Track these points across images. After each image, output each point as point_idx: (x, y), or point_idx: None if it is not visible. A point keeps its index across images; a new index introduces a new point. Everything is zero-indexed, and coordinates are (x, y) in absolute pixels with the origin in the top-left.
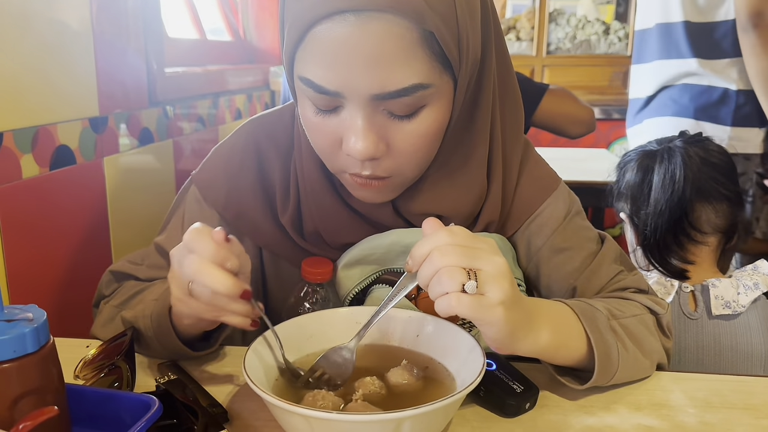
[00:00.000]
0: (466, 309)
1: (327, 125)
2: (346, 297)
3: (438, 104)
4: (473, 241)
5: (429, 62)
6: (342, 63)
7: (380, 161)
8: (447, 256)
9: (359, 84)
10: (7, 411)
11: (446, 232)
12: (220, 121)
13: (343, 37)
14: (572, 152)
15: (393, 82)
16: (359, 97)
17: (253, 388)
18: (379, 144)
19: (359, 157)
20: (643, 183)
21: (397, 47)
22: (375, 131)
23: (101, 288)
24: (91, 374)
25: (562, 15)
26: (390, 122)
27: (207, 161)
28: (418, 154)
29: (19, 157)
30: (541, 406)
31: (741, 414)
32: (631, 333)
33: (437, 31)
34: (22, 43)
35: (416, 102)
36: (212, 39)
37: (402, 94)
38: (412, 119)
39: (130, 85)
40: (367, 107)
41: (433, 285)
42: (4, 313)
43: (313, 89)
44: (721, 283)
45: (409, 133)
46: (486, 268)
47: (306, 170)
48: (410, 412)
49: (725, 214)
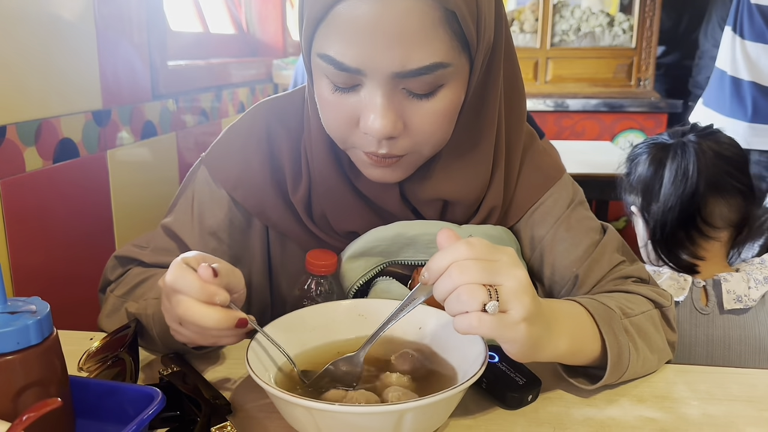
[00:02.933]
0: (487, 330)
1: (344, 104)
2: (350, 289)
3: (455, 84)
4: (493, 254)
5: (449, 41)
6: (364, 40)
7: (397, 140)
8: (467, 273)
9: (380, 61)
10: (11, 403)
11: (465, 245)
12: (223, 114)
13: (366, 14)
14: (577, 144)
15: (414, 60)
16: (380, 74)
17: (256, 380)
18: (398, 123)
19: (378, 136)
20: (655, 177)
21: (419, 25)
22: (394, 110)
23: (106, 273)
24: (95, 366)
25: (566, 7)
26: (408, 101)
27: (217, 142)
28: (436, 133)
29: (22, 150)
30: (543, 398)
31: (743, 406)
32: (642, 331)
33: (459, 10)
34: (25, 37)
35: (436, 81)
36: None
37: (422, 72)
38: (431, 98)
39: (133, 79)
40: (387, 85)
41: (452, 302)
42: (8, 306)
43: (333, 66)
44: (733, 278)
45: (427, 112)
46: (507, 284)
47: (315, 154)
48: (412, 404)
49: (738, 208)
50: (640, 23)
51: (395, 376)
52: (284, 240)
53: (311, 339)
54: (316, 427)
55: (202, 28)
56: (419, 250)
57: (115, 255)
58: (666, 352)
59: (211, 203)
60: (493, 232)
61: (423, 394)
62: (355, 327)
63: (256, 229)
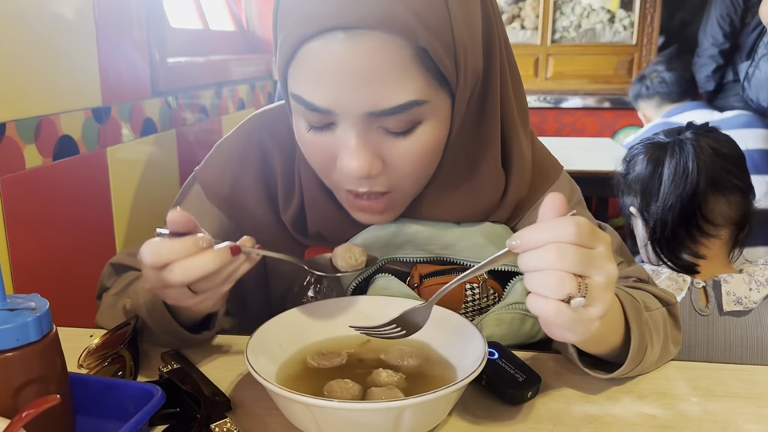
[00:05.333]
0: (562, 322)
1: (321, 142)
2: (348, 286)
3: (435, 120)
4: (593, 240)
5: (424, 79)
6: (333, 81)
7: (377, 178)
8: (564, 259)
9: (351, 102)
10: (10, 399)
11: (573, 226)
12: (223, 112)
13: (334, 55)
14: (577, 141)
15: (386, 99)
16: (352, 115)
17: (256, 376)
18: (374, 161)
19: (354, 176)
20: (653, 176)
21: (389, 65)
22: (369, 149)
23: (103, 280)
24: (95, 363)
25: (566, 3)
26: (385, 139)
27: (209, 158)
28: (415, 170)
29: (22, 148)
30: (543, 395)
31: (743, 403)
32: (657, 327)
33: (431, 47)
34: (25, 34)
35: (412, 118)
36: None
37: (396, 112)
38: (408, 136)
39: (132, 76)
40: (360, 125)
41: (535, 280)
42: (7, 303)
43: (304, 106)
44: (734, 279)
45: (405, 150)
46: (597, 279)
47: (305, 175)
48: (412, 401)
49: (738, 206)
50: (641, 20)
51: (385, 374)
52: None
53: (311, 336)
54: (316, 424)
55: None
56: (418, 247)
57: (111, 263)
58: (671, 351)
59: (204, 218)
60: (493, 229)
61: (422, 391)
62: (356, 323)
63: None
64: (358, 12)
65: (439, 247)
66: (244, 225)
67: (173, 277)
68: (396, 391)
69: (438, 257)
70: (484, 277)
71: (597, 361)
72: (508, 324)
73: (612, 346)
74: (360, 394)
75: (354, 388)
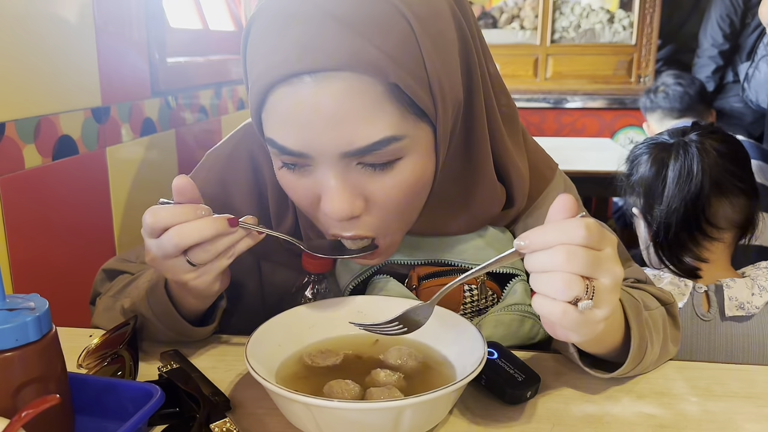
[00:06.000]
0: (569, 324)
1: (302, 185)
2: (346, 287)
3: (416, 154)
4: (601, 242)
5: (399, 114)
6: (304, 124)
7: (361, 219)
8: (573, 261)
9: (324, 144)
10: (10, 399)
11: (583, 228)
12: (223, 111)
13: (303, 99)
14: (577, 141)
15: (360, 138)
16: (327, 156)
17: (255, 376)
18: (356, 201)
19: (336, 218)
20: (657, 178)
21: (360, 104)
22: (349, 189)
23: (96, 286)
24: (94, 363)
25: (566, 3)
26: (366, 176)
27: (200, 167)
28: (399, 207)
29: (21, 148)
30: (542, 395)
31: (743, 402)
32: (656, 326)
33: (403, 82)
34: (24, 33)
35: (391, 154)
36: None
37: (372, 149)
38: (389, 171)
39: (132, 75)
40: (337, 165)
41: (542, 280)
42: (7, 303)
43: (279, 150)
44: (736, 284)
45: (388, 187)
46: (604, 281)
47: None
48: (411, 401)
49: (742, 209)
50: (640, 20)
51: (384, 374)
52: (274, 265)
53: (309, 336)
54: (315, 424)
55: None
56: (415, 249)
57: (103, 269)
58: (670, 351)
59: None
60: (491, 231)
61: (421, 390)
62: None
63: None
64: (323, 55)
65: (437, 249)
66: None
67: (168, 241)
68: (395, 390)
69: (436, 259)
70: (482, 279)
71: (597, 361)
72: (507, 325)
73: (613, 346)
74: (360, 394)
75: (354, 388)
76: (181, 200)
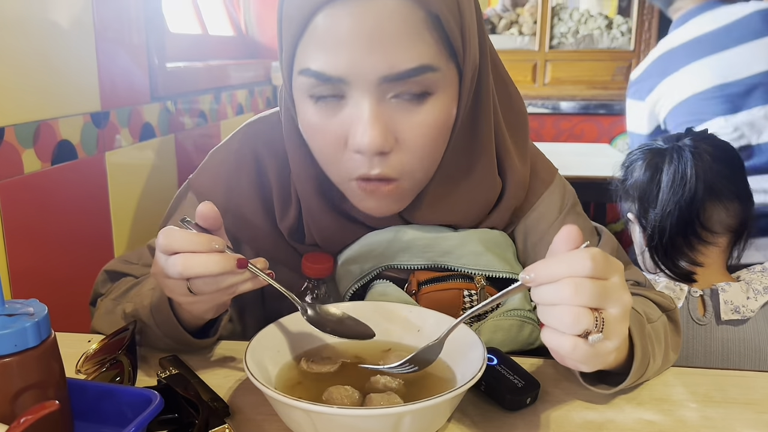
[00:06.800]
0: (580, 357)
1: (330, 125)
2: (346, 292)
3: (444, 95)
4: (608, 271)
5: (435, 45)
6: (346, 46)
7: (389, 157)
8: (580, 294)
9: (365, 67)
10: (9, 405)
11: (589, 260)
12: (222, 116)
13: (346, 21)
14: (575, 147)
15: (400, 62)
16: (365, 82)
17: (254, 382)
18: (388, 136)
19: (368, 150)
20: (651, 183)
21: (402, 27)
22: (383, 122)
23: (97, 287)
24: (93, 369)
25: (564, 9)
26: (398, 113)
27: (203, 166)
28: (426, 148)
29: (20, 152)
30: (542, 401)
31: (742, 409)
32: (659, 338)
33: (442, 14)
34: (24, 38)
35: (424, 87)
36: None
37: (410, 75)
38: (420, 108)
39: (131, 80)
40: (374, 94)
41: (551, 314)
42: (5, 308)
43: (316, 78)
44: (731, 288)
45: (418, 124)
46: (612, 311)
47: (301, 183)
48: (411, 407)
49: (736, 213)
50: (639, 26)
51: (384, 380)
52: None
53: (310, 341)
54: (314, 430)
55: (201, 29)
56: (415, 254)
57: (105, 269)
58: (671, 359)
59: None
60: (490, 236)
61: (421, 397)
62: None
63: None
64: None
65: (436, 253)
66: (240, 233)
67: (173, 267)
68: (395, 396)
69: (436, 264)
70: (482, 284)
71: (598, 373)
72: (506, 330)
73: (616, 364)
74: (359, 400)
75: (353, 394)
76: (203, 225)
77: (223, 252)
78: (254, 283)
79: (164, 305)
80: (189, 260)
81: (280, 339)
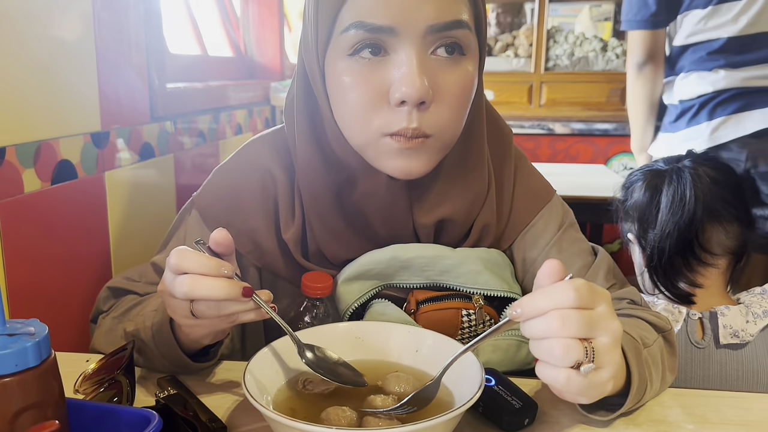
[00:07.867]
0: (575, 389)
1: (370, 80)
2: (345, 312)
3: (473, 58)
4: (594, 300)
5: (467, 8)
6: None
7: (427, 111)
8: (567, 326)
9: (414, 15)
10: (8, 425)
11: (573, 291)
12: (221, 136)
13: None
14: (571, 167)
15: (445, 13)
16: (414, 31)
17: (253, 402)
18: (429, 88)
19: (415, 97)
20: (651, 204)
21: None
22: (425, 73)
23: (99, 304)
24: (91, 389)
25: (560, 32)
26: (437, 67)
27: (208, 183)
28: (459, 106)
29: (21, 172)
30: (540, 422)
31: (738, 430)
32: (655, 362)
33: None
34: (24, 58)
35: (461, 43)
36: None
37: (453, 27)
38: (455, 67)
39: (131, 101)
40: (419, 45)
41: (542, 348)
42: (6, 327)
43: (365, 31)
44: (730, 311)
45: (454, 81)
46: (602, 339)
47: (307, 193)
48: (408, 428)
49: (736, 236)
50: None
51: (380, 400)
52: (275, 278)
53: None
54: None
55: (201, 50)
56: (414, 274)
57: (108, 286)
58: (668, 381)
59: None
60: (488, 255)
61: (418, 418)
62: (352, 349)
63: (248, 270)
64: None
65: (435, 273)
66: (244, 250)
67: (180, 286)
68: (392, 418)
69: (434, 283)
70: (480, 303)
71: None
72: (504, 350)
73: (615, 390)
74: (357, 421)
75: (351, 414)
76: (215, 250)
77: (231, 278)
78: (256, 314)
79: (166, 326)
80: (196, 282)
81: (278, 360)
